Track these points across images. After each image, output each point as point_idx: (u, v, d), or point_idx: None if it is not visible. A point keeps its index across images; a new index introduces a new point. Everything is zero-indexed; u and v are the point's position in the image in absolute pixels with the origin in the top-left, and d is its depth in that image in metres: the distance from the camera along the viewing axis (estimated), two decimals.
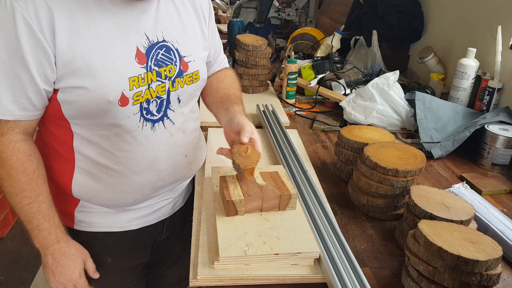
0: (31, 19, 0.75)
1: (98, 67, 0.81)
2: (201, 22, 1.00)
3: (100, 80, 0.81)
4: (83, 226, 1.01)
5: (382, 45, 1.96)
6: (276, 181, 0.93)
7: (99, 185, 0.93)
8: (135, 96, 0.86)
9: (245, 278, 0.78)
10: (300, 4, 2.74)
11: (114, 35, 0.83)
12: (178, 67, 0.93)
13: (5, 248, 2.39)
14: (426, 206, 0.85)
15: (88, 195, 0.96)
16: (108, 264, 1.07)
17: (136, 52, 0.85)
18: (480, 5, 1.64)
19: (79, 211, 1.00)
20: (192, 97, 1.01)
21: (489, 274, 0.70)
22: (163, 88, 0.91)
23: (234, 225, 0.85)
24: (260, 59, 1.75)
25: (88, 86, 0.81)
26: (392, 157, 1.01)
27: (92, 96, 0.81)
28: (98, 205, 0.98)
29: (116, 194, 0.96)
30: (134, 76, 0.85)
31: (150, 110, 0.90)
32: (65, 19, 0.77)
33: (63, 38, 0.78)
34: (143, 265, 1.17)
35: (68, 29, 0.78)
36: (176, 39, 0.93)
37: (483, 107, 1.46)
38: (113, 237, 1.04)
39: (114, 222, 1.02)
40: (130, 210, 1.03)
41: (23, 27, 0.75)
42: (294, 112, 1.65)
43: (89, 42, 0.80)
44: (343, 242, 0.83)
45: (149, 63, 0.87)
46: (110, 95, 0.82)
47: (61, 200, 0.98)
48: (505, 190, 1.14)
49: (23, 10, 0.74)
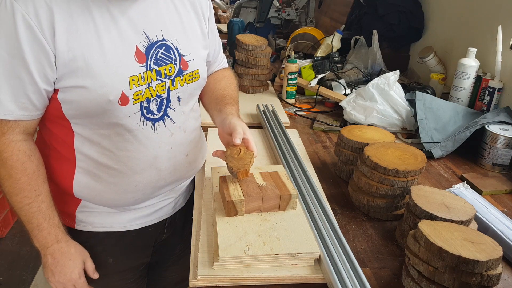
0: (31, 19, 0.74)
1: (98, 66, 0.81)
2: (200, 21, 1.00)
3: (100, 80, 0.81)
4: (84, 226, 1.01)
5: (382, 45, 1.96)
6: (276, 181, 0.93)
7: (100, 185, 0.93)
8: (135, 95, 0.86)
9: (245, 278, 0.78)
10: (300, 4, 2.74)
11: (114, 34, 0.82)
12: (178, 66, 0.93)
13: (5, 248, 2.39)
14: (426, 206, 0.85)
15: (89, 195, 0.95)
16: (109, 264, 1.06)
17: (136, 51, 0.85)
18: (480, 5, 1.64)
19: (80, 211, 1.00)
20: (192, 96, 1.01)
21: (489, 274, 0.70)
22: (163, 87, 0.91)
23: (234, 225, 0.85)
24: (260, 59, 1.75)
25: (88, 86, 0.81)
26: (393, 157, 1.01)
27: (92, 95, 0.81)
28: (99, 205, 0.98)
29: (118, 194, 0.96)
30: (134, 75, 0.85)
31: (150, 109, 0.90)
32: (65, 19, 0.77)
33: (63, 38, 0.77)
34: (143, 266, 1.17)
35: (68, 29, 0.78)
36: (175, 38, 0.92)
37: (484, 107, 1.46)
38: (114, 237, 1.04)
39: (115, 222, 1.02)
40: (131, 210, 1.03)
41: (23, 27, 0.75)
42: (294, 112, 1.65)
43: (88, 42, 0.80)
44: (343, 242, 0.83)
45: (149, 62, 0.87)
46: (110, 94, 0.82)
47: (62, 200, 0.98)
48: (506, 190, 1.14)
49: (23, 10, 0.74)
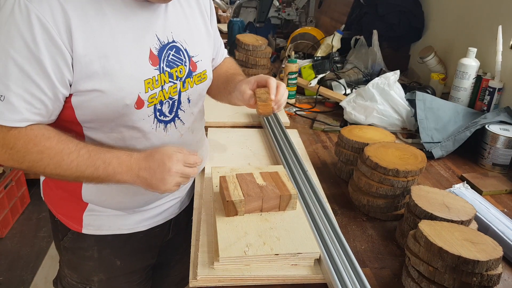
0: (47, 21, 0.72)
1: (115, 70, 0.79)
2: (205, 20, 1.01)
3: (117, 84, 0.80)
4: (92, 229, 1.00)
5: (382, 45, 1.96)
6: (276, 181, 0.93)
7: (111, 188, 0.92)
8: (150, 98, 0.85)
9: (245, 278, 0.78)
10: (300, 4, 2.74)
11: (128, 38, 0.81)
12: (187, 68, 0.93)
13: (5, 249, 2.39)
14: (426, 206, 0.85)
15: (99, 199, 0.95)
16: (116, 266, 1.05)
17: (150, 54, 0.84)
18: (480, 5, 1.64)
19: (87, 214, 0.98)
20: (201, 96, 1.01)
21: (489, 274, 0.70)
22: (175, 89, 0.91)
23: (234, 225, 0.85)
24: (260, 58, 1.75)
25: (105, 90, 0.79)
26: (393, 157, 1.01)
27: (108, 99, 0.80)
28: (109, 208, 0.97)
29: (129, 196, 0.95)
30: (149, 78, 0.84)
31: (162, 111, 0.90)
32: (80, 22, 0.75)
33: (79, 41, 0.75)
34: (149, 267, 1.16)
35: (84, 32, 0.76)
36: (184, 39, 0.92)
37: (484, 107, 1.46)
38: (122, 239, 1.03)
39: (123, 224, 1.01)
40: (140, 212, 1.02)
41: (39, 28, 0.72)
42: (294, 112, 1.64)
43: (104, 45, 0.78)
44: (343, 243, 0.83)
45: (162, 65, 0.87)
46: (127, 98, 0.81)
47: (69, 205, 0.97)
48: (506, 190, 1.14)
49: (38, 11, 0.71)
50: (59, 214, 1.02)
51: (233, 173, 0.96)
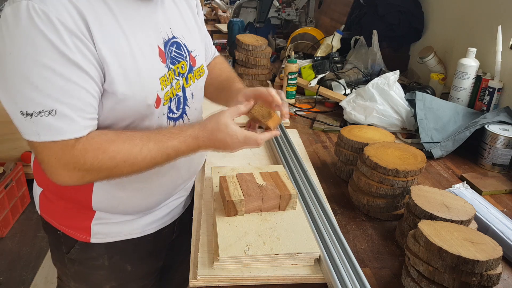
0: (68, 22, 0.68)
1: (133, 71, 0.77)
2: (194, 15, 1.00)
3: (137, 85, 0.78)
4: (101, 237, 0.97)
5: (382, 45, 1.96)
6: (276, 181, 0.93)
7: (124, 193, 0.90)
8: (165, 96, 0.85)
9: (245, 278, 0.78)
10: (300, 4, 2.74)
11: (139, 37, 0.79)
12: (188, 63, 0.92)
13: (5, 248, 2.39)
14: (426, 206, 0.85)
15: (110, 205, 0.92)
16: (127, 272, 1.03)
17: (159, 51, 0.83)
18: (480, 5, 1.64)
19: (96, 223, 0.95)
20: (202, 91, 1.01)
21: (489, 274, 0.70)
22: (179, 85, 0.90)
23: (234, 225, 0.85)
24: (260, 59, 1.75)
25: (126, 92, 0.77)
26: (392, 157, 1.01)
27: (130, 101, 0.78)
28: (119, 213, 0.95)
29: (143, 199, 0.94)
30: (162, 76, 0.83)
31: (171, 108, 0.89)
32: (95, 23, 0.72)
33: (98, 43, 0.72)
34: (157, 271, 1.14)
35: (100, 32, 0.73)
36: (182, 35, 0.92)
37: (484, 107, 1.46)
38: (132, 244, 1.01)
39: (133, 228, 0.99)
40: (149, 214, 1.00)
41: (64, 30, 0.68)
42: (294, 112, 1.65)
43: (119, 47, 0.76)
44: (343, 242, 0.83)
45: (168, 61, 0.86)
46: (149, 98, 0.80)
47: (75, 216, 0.95)
48: (505, 190, 1.14)
49: (56, 14, 0.67)
50: (62, 226, 0.98)
51: (233, 173, 0.96)
